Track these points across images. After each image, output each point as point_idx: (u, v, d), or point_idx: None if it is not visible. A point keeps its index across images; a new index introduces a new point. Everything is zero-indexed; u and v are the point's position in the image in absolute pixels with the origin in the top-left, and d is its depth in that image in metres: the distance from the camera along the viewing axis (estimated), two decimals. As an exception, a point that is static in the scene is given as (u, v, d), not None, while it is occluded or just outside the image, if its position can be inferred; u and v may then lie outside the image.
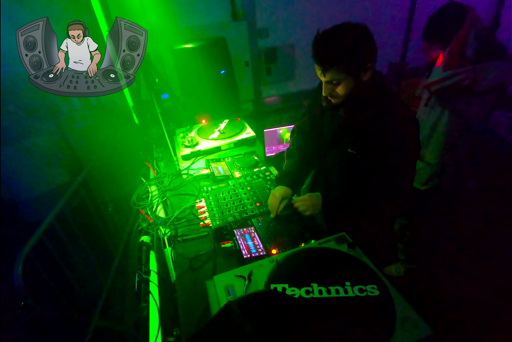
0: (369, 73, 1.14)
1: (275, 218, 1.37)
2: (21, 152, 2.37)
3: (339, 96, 1.20)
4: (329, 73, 1.12)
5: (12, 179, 2.41)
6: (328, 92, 1.20)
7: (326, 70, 1.12)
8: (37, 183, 2.46)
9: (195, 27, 3.02)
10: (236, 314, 0.55)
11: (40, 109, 2.40)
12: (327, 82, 1.17)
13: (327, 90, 1.20)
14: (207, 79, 2.55)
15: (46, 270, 1.68)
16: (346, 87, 1.16)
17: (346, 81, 1.14)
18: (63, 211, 1.90)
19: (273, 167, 1.85)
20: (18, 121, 2.35)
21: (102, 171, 2.44)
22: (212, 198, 1.58)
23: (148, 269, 1.37)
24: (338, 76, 1.13)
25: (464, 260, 2.18)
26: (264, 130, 2.11)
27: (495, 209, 2.56)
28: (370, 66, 1.12)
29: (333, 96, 1.22)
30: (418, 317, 0.85)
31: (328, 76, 1.14)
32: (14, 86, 2.20)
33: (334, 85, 1.17)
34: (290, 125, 2.08)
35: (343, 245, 1.11)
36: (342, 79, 1.13)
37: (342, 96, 1.19)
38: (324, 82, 1.18)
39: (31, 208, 2.50)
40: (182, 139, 2.12)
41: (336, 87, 1.17)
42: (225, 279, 1.02)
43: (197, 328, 1.02)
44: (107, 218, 2.38)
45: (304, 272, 1.02)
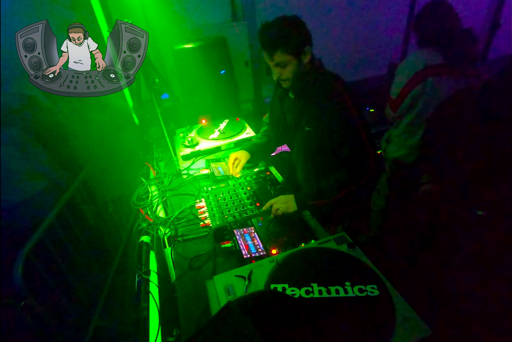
0: (308, 56, 1.35)
1: (275, 217, 1.38)
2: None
3: (288, 78, 1.39)
4: (276, 55, 1.32)
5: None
6: (277, 76, 1.40)
7: (272, 54, 1.32)
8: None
9: (195, 27, 3.02)
10: (236, 314, 0.55)
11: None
12: (275, 66, 1.36)
13: (276, 74, 1.40)
14: (207, 79, 2.55)
15: (46, 270, 1.68)
16: (292, 69, 1.35)
17: (291, 63, 1.34)
18: (63, 211, 1.90)
19: (273, 167, 1.85)
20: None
21: (102, 171, 2.44)
22: (212, 198, 1.58)
23: (148, 269, 1.37)
24: (283, 58, 1.32)
25: (464, 259, 2.18)
26: (264, 130, 2.10)
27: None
28: (308, 49, 1.33)
29: (282, 80, 1.42)
30: (418, 317, 0.85)
31: (275, 59, 1.33)
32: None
33: (281, 68, 1.36)
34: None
35: (343, 245, 1.11)
36: (287, 61, 1.33)
37: (290, 78, 1.39)
38: (273, 67, 1.38)
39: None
40: (182, 139, 2.12)
41: (283, 71, 1.37)
42: (225, 279, 1.02)
43: (197, 328, 1.02)
44: (107, 218, 2.37)
45: (304, 272, 1.02)
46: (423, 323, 0.84)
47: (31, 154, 2.21)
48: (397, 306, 0.89)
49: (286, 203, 1.38)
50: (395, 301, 0.90)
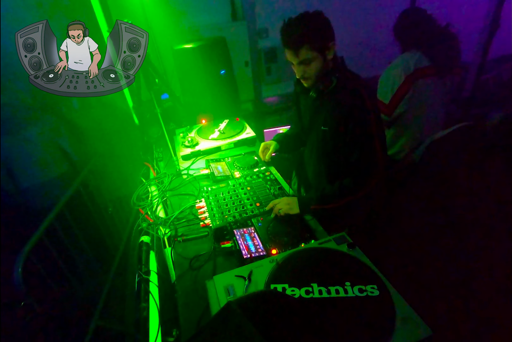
0: (332, 52, 1.32)
1: (275, 218, 1.38)
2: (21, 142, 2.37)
3: (311, 76, 1.36)
4: (301, 52, 1.28)
5: (14, 167, 2.40)
6: (300, 74, 1.36)
7: (298, 51, 1.28)
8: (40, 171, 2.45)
9: (195, 27, 3.02)
10: (236, 314, 0.55)
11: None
12: (299, 63, 1.33)
13: (300, 72, 1.36)
14: (207, 79, 2.54)
15: (46, 270, 1.68)
16: (316, 66, 1.32)
17: (316, 60, 1.30)
18: (63, 211, 1.90)
19: (273, 167, 1.85)
20: (19, 113, 2.36)
21: (102, 170, 2.44)
22: (212, 198, 1.58)
23: (148, 269, 1.37)
24: (309, 54, 1.29)
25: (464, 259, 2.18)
26: (264, 130, 2.11)
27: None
28: (332, 45, 1.30)
29: (305, 78, 1.38)
30: (418, 317, 0.85)
31: (301, 56, 1.30)
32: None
33: (305, 65, 1.32)
34: (290, 125, 2.08)
35: (343, 245, 1.11)
36: (312, 58, 1.29)
37: (314, 76, 1.36)
38: (297, 64, 1.34)
39: (35, 195, 2.48)
40: (182, 139, 2.12)
41: (307, 68, 1.33)
42: (225, 279, 1.02)
43: (197, 328, 1.02)
44: (107, 218, 2.37)
45: (304, 272, 1.01)
46: (423, 323, 0.84)
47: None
48: (397, 306, 0.89)
49: (289, 205, 1.38)
50: (395, 301, 0.90)
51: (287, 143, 1.82)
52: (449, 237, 2.38)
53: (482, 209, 2.56)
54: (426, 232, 2.38)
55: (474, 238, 2.36)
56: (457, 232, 2.41)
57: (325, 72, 1.35)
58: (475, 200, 2.52)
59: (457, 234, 2.40)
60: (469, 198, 2.45)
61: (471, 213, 2.55)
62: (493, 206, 2.52)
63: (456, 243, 2.32)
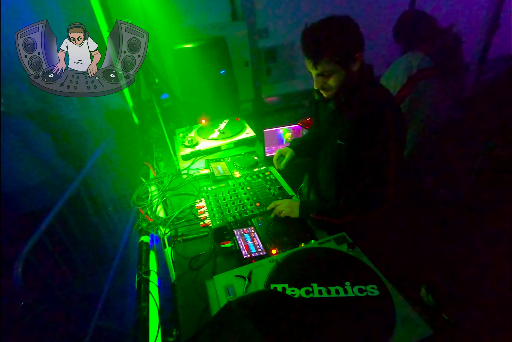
0: (358, 64, 1.15)
1: (275, 218, 1.38)
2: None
3: (331, 88, 1.21)
4: (320, 64, 1.14)
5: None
6: (319, 85, 1.21)
7: (317, 62, 1.13)
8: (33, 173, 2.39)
9: (195, 27, 3.01)
10: (236, 314, 0.55)
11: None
12: (318, 75, 1.18)
13: (318, 83, 1.21)
14: (207, 79, 2.54)
15: (46, 270, 1.68)
16: (338, 78, 1.16)
17: (337, 73, 1.15)
18: (63, 211, 1.90)
19: (273, 167, 1.85)
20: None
21: (102, 170, 2.44)
22: (212, 198, 1.58)
23: (148, 269, 1.37)
24: (329, 67, 1.13)
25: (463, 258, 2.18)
26: (264, 130, 2.10)
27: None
28: (359, 56, 1.13)
29: (325, 89, 1.23)
30: (418, 317, 0.85)
31: (320, 68, 1.15)
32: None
33: (325, 77, 1.18)
34: (290, 125, 2.08)
35: (343, 245, 1.11)
36: (333, 70, 1.14)
37: (334, 88, 1.21)
38: (316, 75, 1.19)
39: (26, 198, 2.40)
40: (182, 139, 2.12)
41: (327, 80, 1.18)
42: (225, 279, 1.02)
43: (197, 328, 1.02)
44: (107, 218, 2.37)
45: (304, 272, 1.02)
46: (423, 323, 0.84)
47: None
48: (397, 306, 0.89)
49: (290, 208, 1.36)
50: (395, 301, 0.90)
51: (304, 148, 1.69)
52: (449, 237, 2.38)
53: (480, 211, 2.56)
54: (426, 231, 2.38)
55: (475, 238, 2.36)
56: (458, 232, 2.41)
57: (348, 84, 1.19)
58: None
59: (459, 234, 2.40)
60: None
61: (471, 213, 2.55)
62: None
63: (459, 242, 2.32)
